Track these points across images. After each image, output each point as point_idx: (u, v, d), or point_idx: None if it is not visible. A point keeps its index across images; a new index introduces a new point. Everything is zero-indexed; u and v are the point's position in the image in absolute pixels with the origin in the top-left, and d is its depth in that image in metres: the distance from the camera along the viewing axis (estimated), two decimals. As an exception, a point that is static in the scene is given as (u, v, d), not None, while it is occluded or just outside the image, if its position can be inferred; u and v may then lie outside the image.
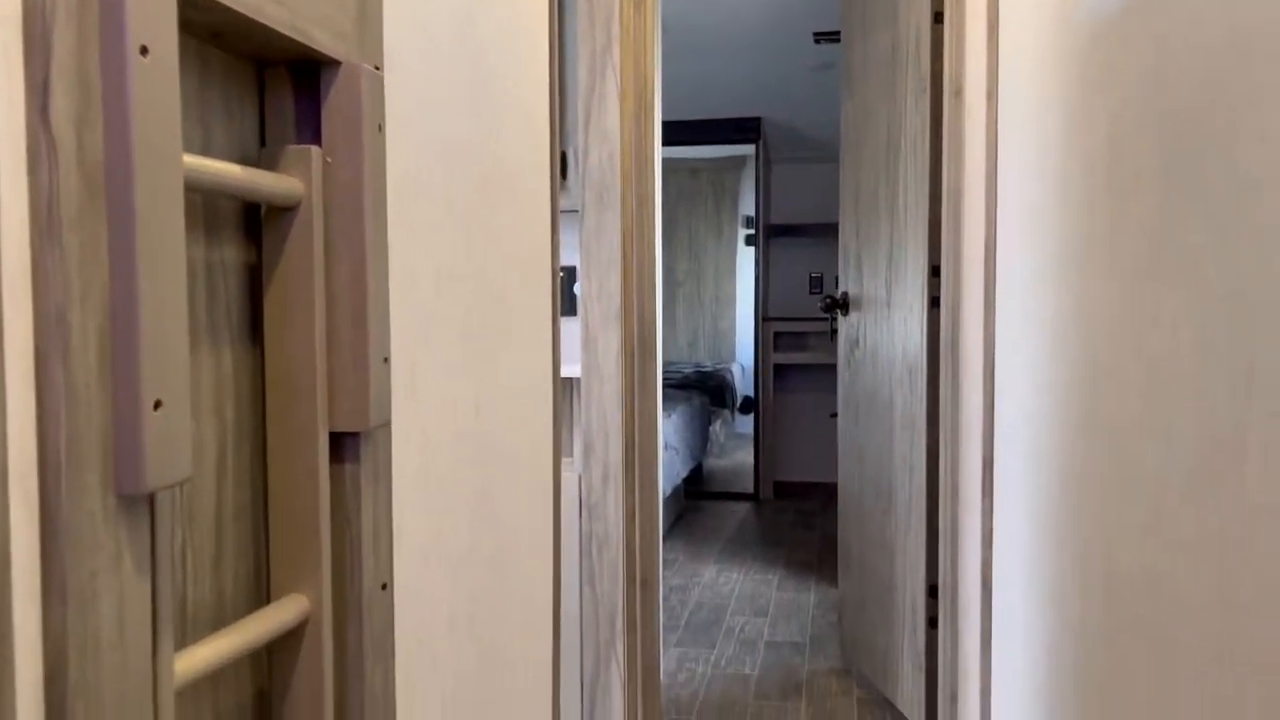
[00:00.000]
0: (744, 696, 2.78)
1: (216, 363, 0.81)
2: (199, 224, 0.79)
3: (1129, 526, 1.14)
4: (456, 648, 1.22)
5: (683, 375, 5.85)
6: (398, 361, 1.05)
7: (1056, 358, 1.57)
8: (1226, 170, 0.84)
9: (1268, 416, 0.75)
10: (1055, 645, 1.58)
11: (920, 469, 2.39)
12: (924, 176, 2.33)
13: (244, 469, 0.84)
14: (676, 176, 6.68)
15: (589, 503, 2.30)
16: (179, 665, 0.69)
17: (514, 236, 1.43)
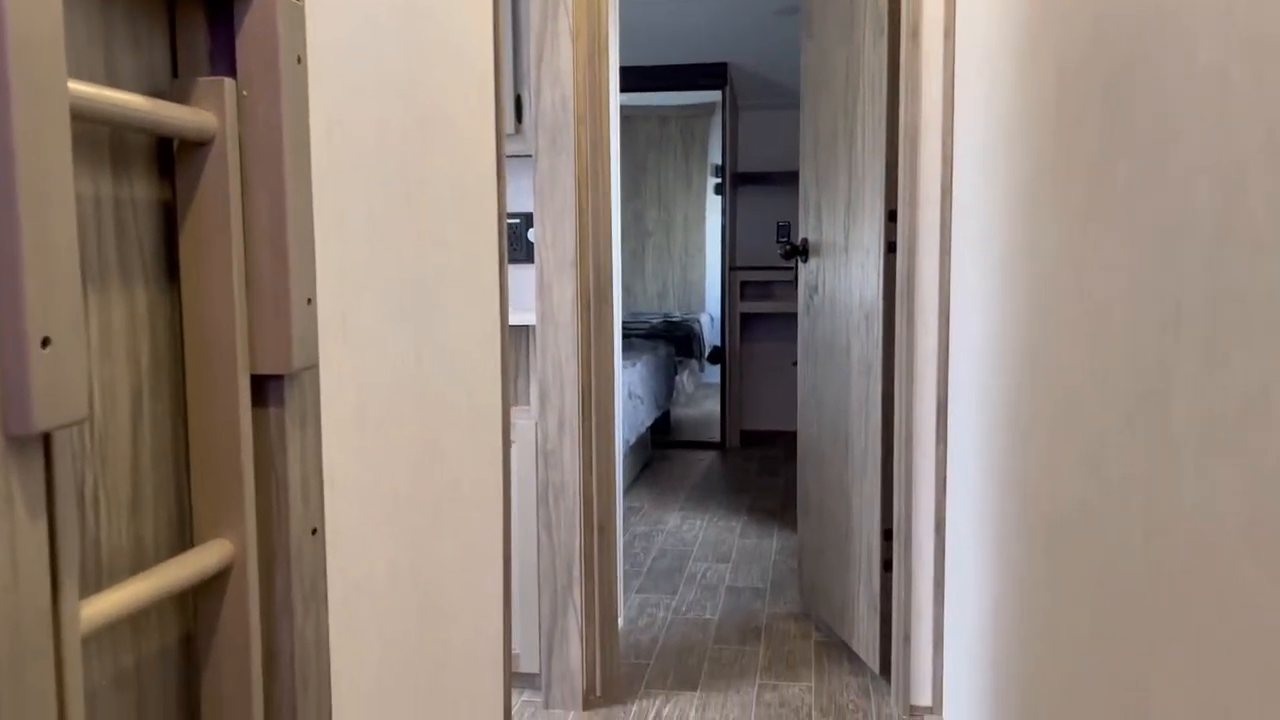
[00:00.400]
0: (703, 641, 2.81)
1: (129, 304, 0.79)
2: (105, 159, 0.76)
3: (1068, 467, 1.15)
4: (397, 595, 1.21)
5: (650, 325, 5.83)
6: (327, 304, 1.02)
7: (1006, 300, 1.57)
8: (1154, 111, 0.83)
9: (1192, 357, 0.75)
10: (1000, 585, 1.60)
11: (876, 414, 2.40)
12: (881, 119, 2.30)
13: (163, 413, 0.82)
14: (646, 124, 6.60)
15: (545, 451, 2.29)
16: (87, 610, 0.68)
17: (456, 179, 1.40)
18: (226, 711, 0.87)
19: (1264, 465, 0.63)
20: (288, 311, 0.86)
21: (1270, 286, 0.62)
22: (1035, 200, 1.35)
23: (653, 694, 2.47)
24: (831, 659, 2.69)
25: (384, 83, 1.15)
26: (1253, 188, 0.64)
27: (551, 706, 2.38)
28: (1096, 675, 1.03)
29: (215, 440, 0.85)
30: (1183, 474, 0.77)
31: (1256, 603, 0.65)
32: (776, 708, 2.40)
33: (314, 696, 0.96)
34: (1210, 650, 0.72)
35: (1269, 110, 0.63)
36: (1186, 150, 0.76)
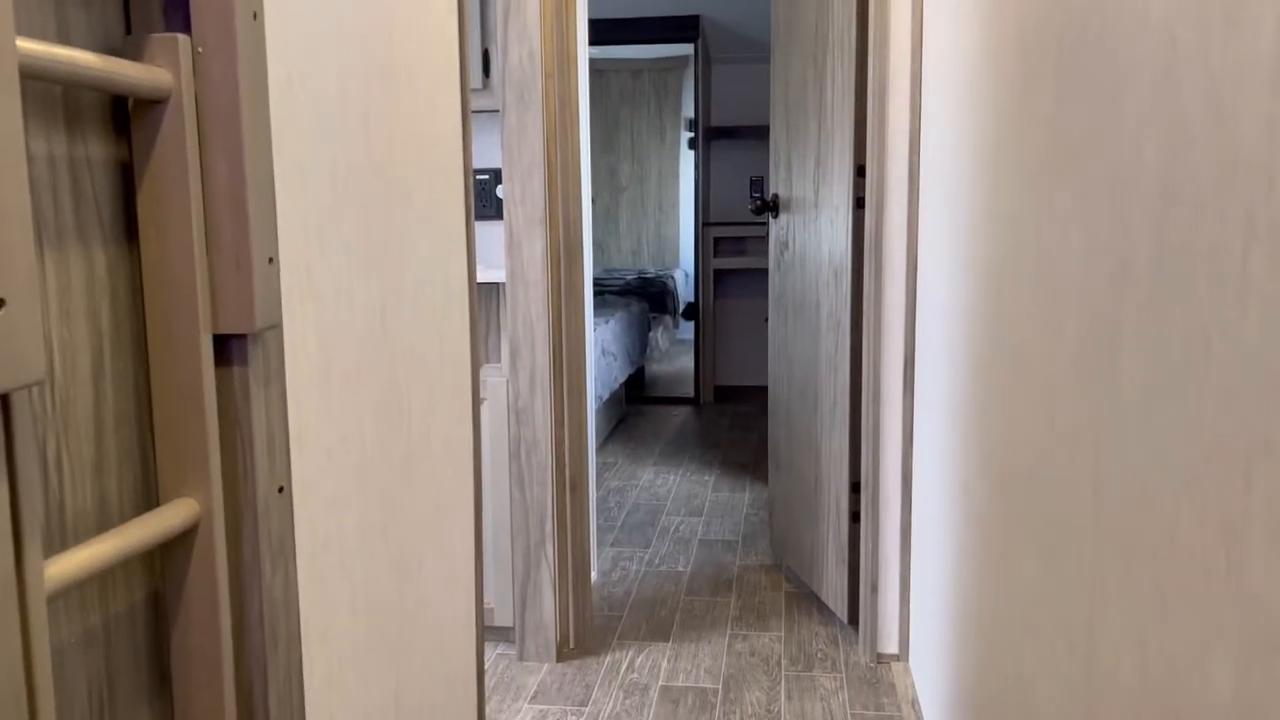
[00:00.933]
0: (675, 593, 2.85)
1: (88, 265, 0.79)
2: (58, 118, 0.75)
3: (1024, 418, 1.17)
4: (367, 550, 1.22)
5: (624, 282, 5.83)
6: (291, 262, 1.02)
7: (969, 255, 1.59)
8: (1106, 67, 0.84)
9: (1138, 310, 0.77)
10: (962, 534, 1.64)
11: (844, 369, 2.43)
12: (850, 74, 2.30)
13: (124, 374, 0.83)
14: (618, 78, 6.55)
15: (517, 408, 2.30)
16: (52, 570, 0.68)
17: (421, 133, 1.39)
18: (196, 668, 0.88)
19: (1202, 415, 0.65)
20: (249, 270, 0.86)
21: (1210, 243, 0.64)
22: (997, 155, 1.37)
23: (625, 645, 2.51)
24: (801, 609, 2.74)
25: (344, 35, 1.14)
26: (1196, 148, 0.66)
27: (526, 659, 2.42)
28: (1047, 618, 1.06)
29: (178, 401, 0.85)
30: (1128, 424, 0.79)
31: (1191, 546, 0.67)
32: (747, 657, 2.45)
33: (284, 652, 0.98)
34: (1149, 592, 0.75)
35: (1211, 74, 0.64)
36: (1135, 108, 0.77)
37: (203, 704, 0.89)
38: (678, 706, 2.20)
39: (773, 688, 2.29)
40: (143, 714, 0.85)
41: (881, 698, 2.24)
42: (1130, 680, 0.79)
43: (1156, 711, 0.73)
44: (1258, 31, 0.58)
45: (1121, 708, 0.81)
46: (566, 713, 2.18)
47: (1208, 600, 0.65)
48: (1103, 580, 0.86)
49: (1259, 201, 0.57)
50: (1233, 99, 0.60)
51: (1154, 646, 0.74)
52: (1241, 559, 0.60)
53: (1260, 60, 0.57)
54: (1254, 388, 0.58)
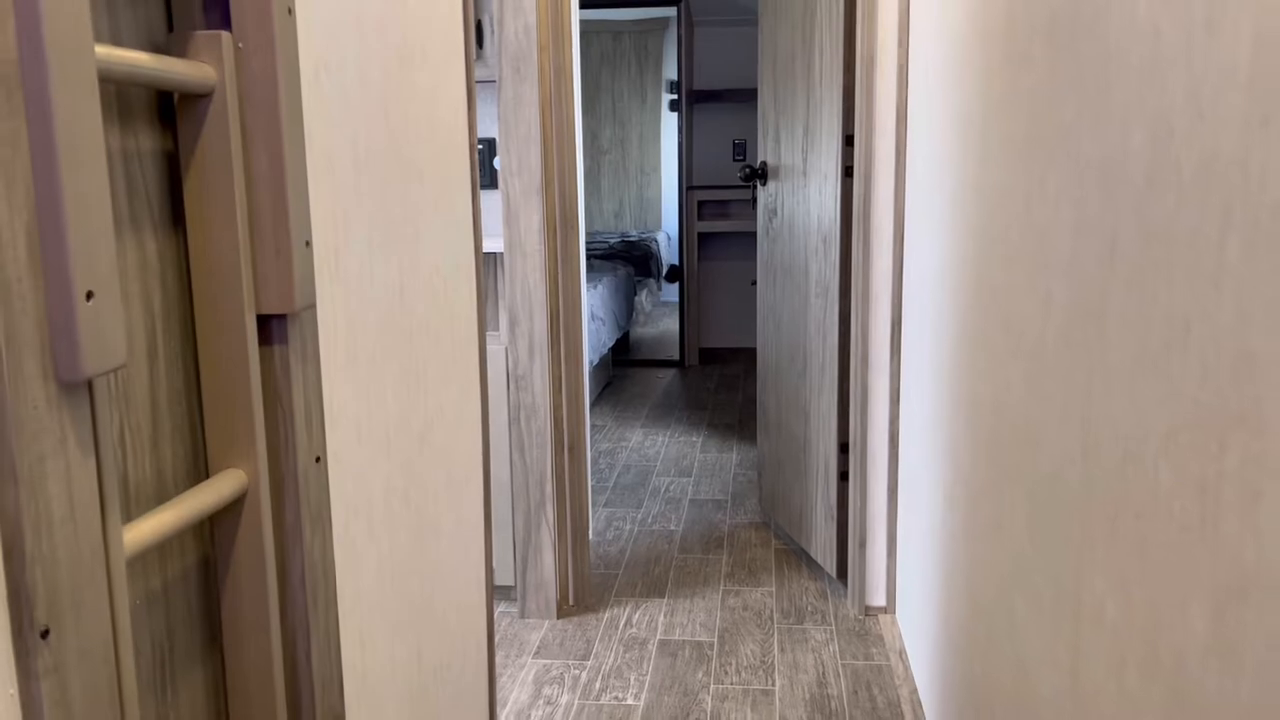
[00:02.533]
0: (669, 551, 2.93)
1: (140, 251, 0.84)
2: (113, 114, 0.80)
3: (1012, 384, 1.24)
4: (391, 515, 1.29)
5: (609, 245, 5.86)
6: (320, 244, 1.07)
7: (957, 225, 1.65)
8: (1097, 54, 0.90)
9: (1125, 287, 0.83)
10: (950, 493, 1.72)
11: (833, 333, 2.49)
12: (839, 44, 2.34)
13: (175, 354, 0.88)
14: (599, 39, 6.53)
15: (516, 375, 2.36)
16: (128, 537, 0.74)
17: (430, 110, 1.43)
18: (245, 627, 0.94)
19: (1183, 390, 0.72)
20: (289, 254, 0.91)
21: (1190, 231, 0.70)
22: (985, 129, 1.42)
23: (622, 601, 2.60)
24: (791, 565, 2.83)
25: (363, 23, 1.18)
26: (1177, 140, 0.72)
27: (527, 616, 2.49)
28: (1035, 574, 1.13)
29: (225, 378, 0.90)
30: (1114, 393, 0.86)
31: (1172, 507, 0.74)
32: (740, 611, 2.54)
33: (323, 612, 1.04)
34: (1132, 545, 0.82)
35: (1193, 69, 0.70)
36: (1123, 96, 0.83)
37: (252, 660, 0.95)
38: (675, 659, 2.29)
39: (766, 640, 2.38)
40: (198, 669, 0.92)
41: (870, 648, 2.33)
42: (1116, 624, 0.86)
43: (1140, 650, 0.81)
44: (1236, 38, 0.64)
45: (1107, 648, 0.89)
46: (569, 666, 2.26)
47: (1186, 552, 0.72)
48: (1090, 534, 0.93)
49: (1236, 194, 0.63)
50: (1212, 99, 0.66)
51: (1137, 594, 0.81)
52: (1216, 516, 0.67)
53: (1238, 66, 0.63)
54: (1227, 365, 0.65)
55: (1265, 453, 0.60)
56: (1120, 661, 0.85)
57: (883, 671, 2.23)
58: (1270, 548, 0.60)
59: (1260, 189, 0.60)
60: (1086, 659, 0.95)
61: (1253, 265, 0.61)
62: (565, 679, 2.22)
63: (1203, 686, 0.69)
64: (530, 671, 2.25)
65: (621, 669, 2.25)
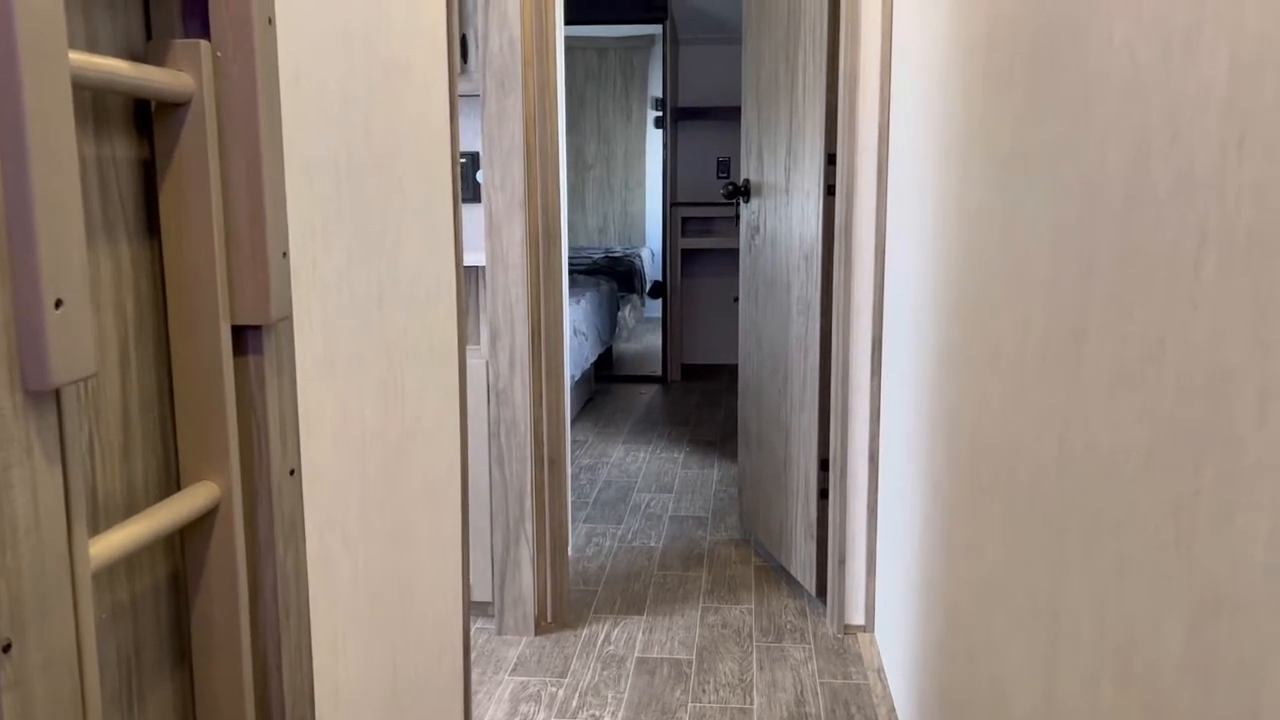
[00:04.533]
0: (649, 567, 2.92)
1: (114, 259, 0.83)
2: (88, 120, 0.79)
3: (991, 402, 1.24)
4: (367, 528, 1.27)
5: (592, 261, 5.86)
6: (299, 255, 1.06)
7: (938, 244, 1.66)
8: (1075, 77, 0.90)
9: (1103, 306, 0.83)
10: (928, 510, 1.72)
11: (814, 350, 2.50)
12: (821, 64, 2.36)
13: (148, 363, 0.87)
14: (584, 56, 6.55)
15: (497, 388, 2.35)
16: (94, 549, 0.73)
17: (413, 123, 1.43)
18: (216, 641, 0.93)
19: (1159, 407, 0.72)
20: (265, 264, 0.91)
21: (1167, 249, 0.70)
22: (966, 149, 1.43)
23: (601, 618, 2.58)
24: (770, 583, 2.82)
25: (348, 35, 1.18)
26: (1154, 160, 0.72)
27: (505, 632, 2.48)
28: (1012, 591, 1.13)
29: (199, 388, 0.89)
30: (1092, 411, 0.86)
31: (1149, 523, 0.74)
32: (719, 628, 2.53)
33: (295, 625, 1.03)
34: (1109, 562, 0.82)
35: (1170, 92, 0.70)
36: (1102, 118, 0.84)
37: (222, 674, 0.94)
38: (654, 677, 2.28)
39: (745, 658, 2.37)
40: (166, 683, 0.90)
41: (849, 667, 2.33)
42: (1091, 640, 0.86)
43: (1115, 666, 0.81)
44: (1213, 58, 0.64)
45: (1083, 665, 0.89)
46: (546, 683, 2.25)
47: (1161, 569, 0.72)
48: (1066, 552, 0.93)
49: (1212, 214, 0.64)
50: (1188, 119, 0.67)
51: (1113, 610, 0.81)
52: (1190, 533, 0.67)
53: (1213, 87, 0.64)
54: (1202, 382, 0.65)
55: (1239, 470, 0.60)
56: (1095, 677, 0.85)
57: (861, 690, 2.22)
58: (1243, 566, 0.60)
59: (1235, 208, 0.61)
60: (1062, 675, 0.95)
61: (1228, 283, 0.62)
62: (542, 696, 2.20)
63: (1177, 702, 0.69)
64: (507, 688, 2.23)
65: (599, 687, 2.24)
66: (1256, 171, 0.58)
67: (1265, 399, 0.58)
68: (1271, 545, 0.57)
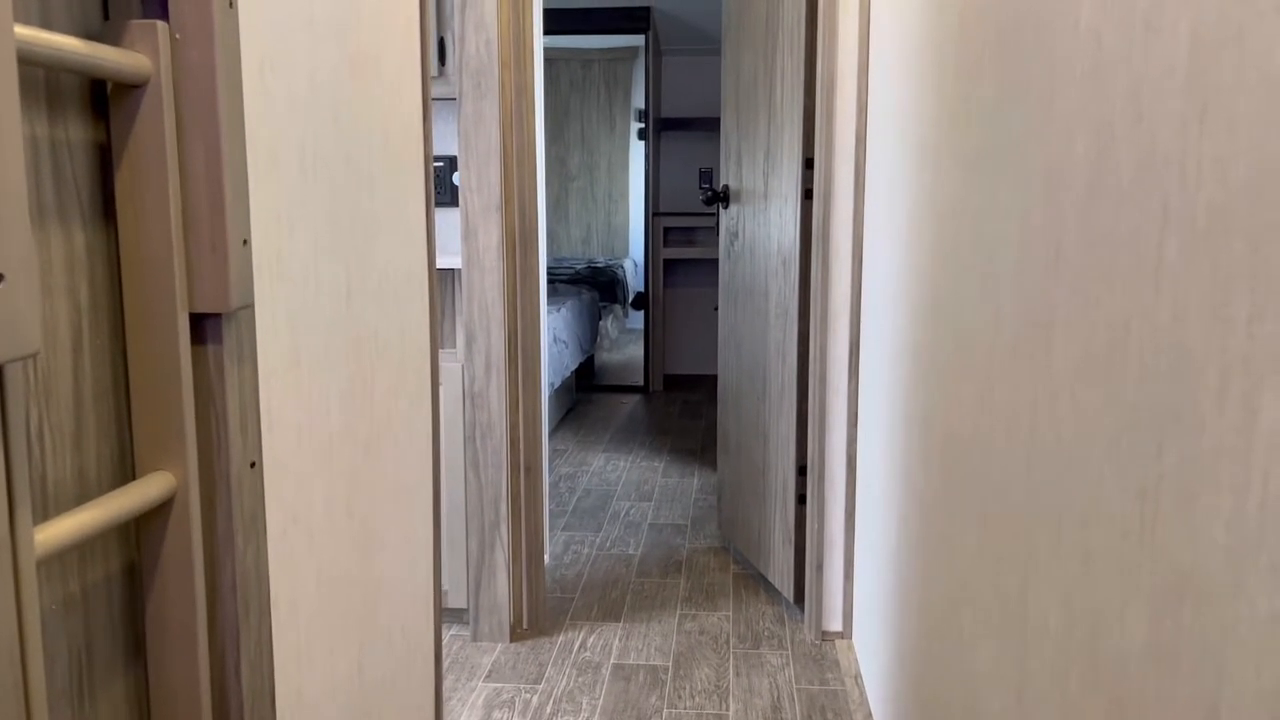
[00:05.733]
0: (627, 575, 2.90)
1: (67, 243, 0.81)
2: (40, 101, 0.77)
3: (964, 399, 1.24)
4: (333, 527, 1.25)
5: (574, 271, 5.85)
6: (262, 244, 1.05)
7: (912, 243, 1.65)
8: (1041, 66, 0.90)
9: (1069, 294, 0.83)
10: (904, 513, 1.71)
11: (792, 355, 2.49)
12: (799, 69, 2.36)
13: (103, 350, 0.85)
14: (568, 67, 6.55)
15: (472, 392, 2.33)
16: (40, 537, 0.71)
17: (383, 117, 1.42)
18: (171, 636, 0.91)
19: (1124, 393, 0.71)
20: (225, 252, 0.89)
21: (1131, 232, 0.70)
22: (939, 146, 1.43)
23: (578, 625, 2.56)
24: (749, 589, 2.80)
25: (315, 24, 1.17)
26: (1118, 143, 0.72)
27: (480, 639, 2.45)
28: (982, 590, 1.12)
29: (155, 376, 0.88)
30: (1060, 402, 0.85)
31: (1112, 511, 0.73)
32: (696, 635, 2.51)
33: (255, 622, 1.01)
34: (1075, 555, 0.81)
35: (1133, 74, 0.70)
36: (1066, 105, 0.83)
37: (177, 671, 0.92)
38: (629, 683, 2.26)
39: (721, 665, 2.36)
40: (119, 680, 0.88)
41: (826, 673, 2.31)
42: (1058, 634, 0.85)
43: (1082, 660, 0.80)
44: (1175, 37, 0.64)
45: (1051, 659, 0.88)
46: (520, 690, 2.22)
47: (1125, 559, 0.71)
48: (1035, 548, 0.92)
49: (1173, 193, 0.63)
50: (1151, 99, 0.66)
51: (1078, 603, 0.80)
52: (1154, 519, 0.67)
53: (1176, 65, 0.63)
54: (1165, 364, 0.64)
55: (1201, 452, 0.60)
56: (1064, 672, 0.84)
57: (838, 696, 2.21)
58: (1205, 548, 0.59)
59: (1196, 186, 0.60)
60: (1032, 672, 0.94)
61: (1189, 263, 0.61)
62: (516, 703, 2.17)
63: (1142, 691, 0.68)
64: (481, 695, 2.21)
65: (574, 693, 2.21)
66: (1217, 146, 0.57)
67: (1225, 378, 0.57)
68: (1232, 526, 0.57)
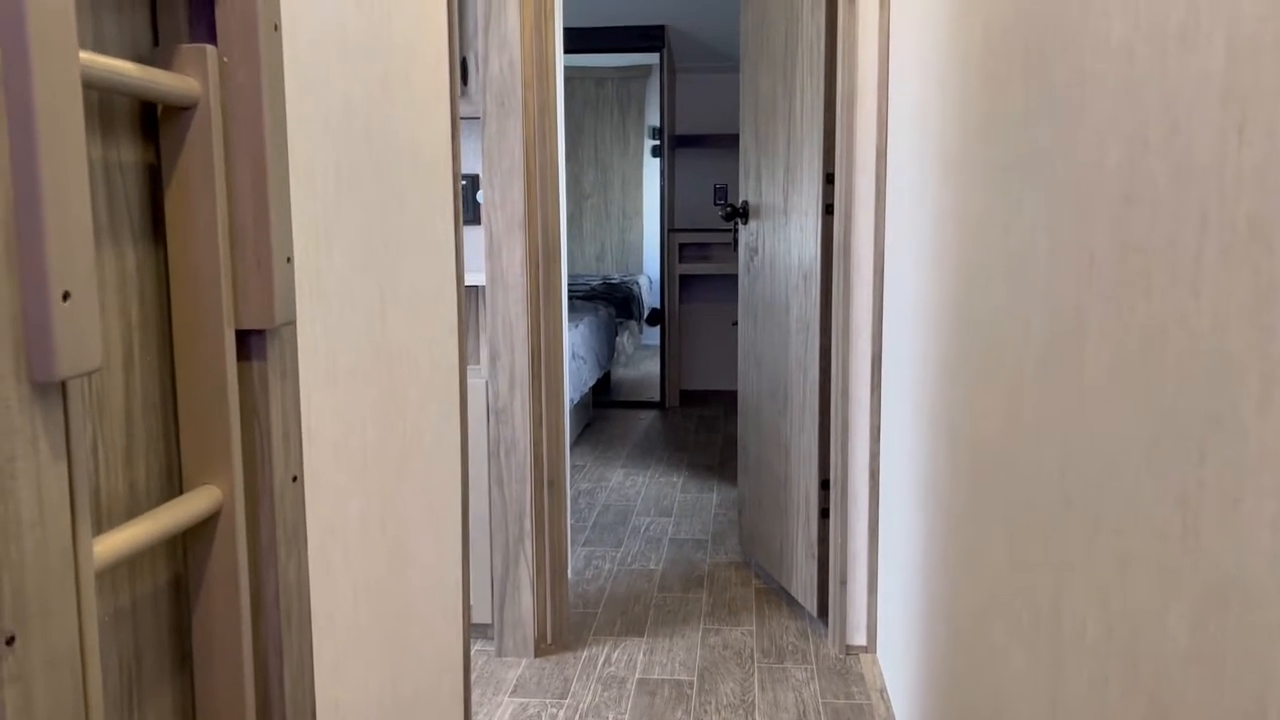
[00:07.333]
0: (648, 590, 2.91)
1: (120, 262, 0.83)
2: (95, 123, 0.79)
3: (992, 412, 1.24)
4: (367, 542, 1.27)
5: (590, 287, 5.88)
6: (301, 261, 1.07)
7: (935, 257, 1.66)
8: (1070, 80, 0.91)
9: (1102, 302, 0.84)
10: (930, 526, 1.71)
11: (814, 370, 2.50)
12: (819, 85, 2.38)
13: (152, 366, 0.87)
14: (582, 86, 6.60)
15: (496, 408, 2.35)
16: (98, 549, 0.73)
17: (412, 136, 1.44)
18: (217, 648, 0.92)
19: (1162, 399, 0.72)
20: (270, 269, 0.91)
21: (1168, 241, 0.71)
22: (964, 160, 1.44)
23: (601, 640, 2.56)
24: (771, 604, 2.80)
25: (348, 45, 1.19)
26: (1153, 155, 0.73)
27: (504, 654, 2.46)
28: (1013, 600, 1.13)
29: (202, 392, 0.89)
30: (1093, 408, 0.86)
31: (1151, 516, 0.74)
32: (720, 650, 2.51)
33: (297, 634, 1.02)
34: (1112, 561, 0.82)
35: (1167, 86, 0.71)
36: (1098, 118, 0.85)
37: (223, 682, 0.93)
38: (655, 698, 2.26)
39: (746, 679, 2.35)
40: (166, 690, 0.90)
41: (851, 687, 2.31)
42: (1096, 640, 0.86)
43: (1121, 664, 0.80)
44: (1210, 49, 0.65)
45: (1089, 665, 0.88)
46: (547, 705, 2.23)
47: (1166, 563, 0.72)
48: (1069, 554, 0.93)
49: (1212, 202, 0.64)
50: (1186, 110, 0.68)
51: (1116, 608, 0.81)
52: (1196, 524, 0.67)
53: (1212, 77, 0.64)
54: (1205, 370, 0.65)
55: (1244, 457, 0.61)
56: (1102, 677, 0.84)
57: (864, 711, 2.20)
58: (1250, 551, 0.60)
59: (1236, 196, 0.61)
60: (1066, 681, 0.95)
61: (1229, 272, 0.62)
62: (542, 717, 2.18)
63: (1184, 697, 0.68)
64: (507, 710, 2.21)
65: (600, 708, 2.22)
66: (1257, 157, 0.58)
67: (1268, 384, 0.58)
68: (1278, 530, 0.57)
